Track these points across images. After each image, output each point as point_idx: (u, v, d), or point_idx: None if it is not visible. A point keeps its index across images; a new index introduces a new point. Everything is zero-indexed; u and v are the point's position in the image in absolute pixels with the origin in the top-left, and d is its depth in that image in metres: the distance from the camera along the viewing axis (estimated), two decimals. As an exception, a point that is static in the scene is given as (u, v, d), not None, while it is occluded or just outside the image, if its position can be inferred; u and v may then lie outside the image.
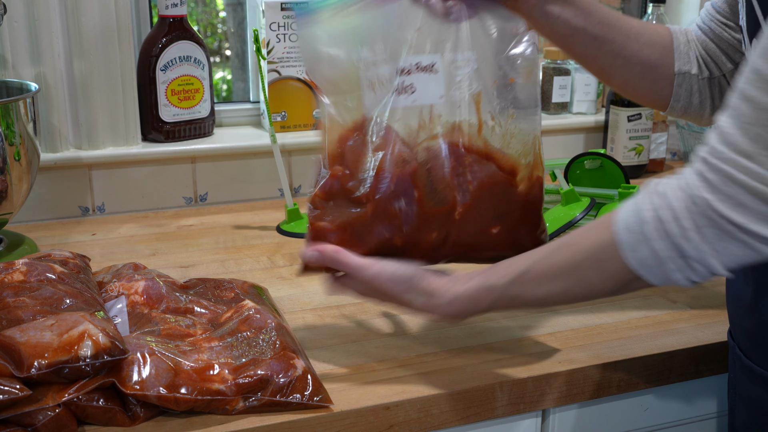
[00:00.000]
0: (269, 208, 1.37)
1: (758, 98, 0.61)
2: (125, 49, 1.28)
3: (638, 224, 0.66)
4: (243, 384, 0.75)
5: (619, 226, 0.67)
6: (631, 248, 0.66)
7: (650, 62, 0.89)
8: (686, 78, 0.90)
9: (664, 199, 0.64)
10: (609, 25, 0.87)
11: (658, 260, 0.65)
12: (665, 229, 0.64)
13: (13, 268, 0.85)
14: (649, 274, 0.66)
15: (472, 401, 0.81)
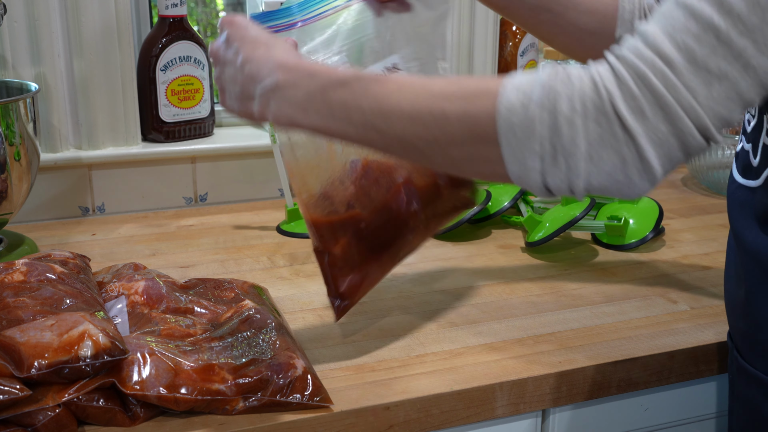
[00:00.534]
0: (269, 208, 1.37)
1: (694, 4, 0.56)
2: (125, 49, 1.28)
3: (529, 85, 0.58)
4: (243, 384, 0.75)
5: (508, 79, 0.60)
6: (507, 104, 0.58)
7: (588, 29, 0.89)
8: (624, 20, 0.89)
9: (568, 76, 0.58)
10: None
11: (526, 132, 0.58)
12: (554, 102, 0.57)
13: (13, 268, 0.85)
14: (507, 143, 0.58)
15: (472, 401, 0.82)
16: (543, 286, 1.06)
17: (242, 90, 0.70)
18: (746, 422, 0.77)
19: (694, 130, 0.57)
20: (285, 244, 1.21)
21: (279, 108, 0.68)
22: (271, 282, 1.06)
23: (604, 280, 1.08)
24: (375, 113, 0.64)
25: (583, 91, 0.57)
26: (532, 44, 1.55)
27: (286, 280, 1.07)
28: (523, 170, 0.59)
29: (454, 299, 1.01)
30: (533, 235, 1.17)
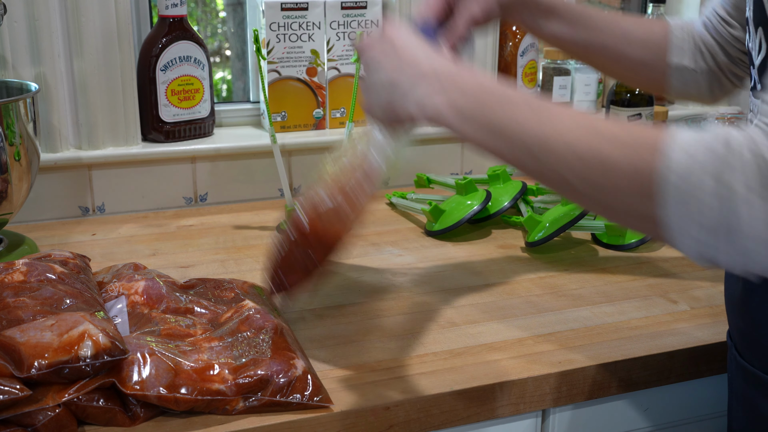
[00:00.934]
0: (269, 208, 1.37)
1: None
2: (125, 49, 1.28)
3: (695, 147, 0.55)
4: (243, 384, 0.75)
5: (673, 134, 0.56)
6: (671, 164, 0.54)
7: (643, 61, 0.94)
8: (680, 70, 0.95)
9: (740, 145, 0.54)
10: (598, 30, 0.93)
11: (691, 199, 0.54)
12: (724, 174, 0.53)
13: (13, 268, 0.85)
14: (667, 205, 0.55)
15: (472, 401, 0.82)
16: (543, 286, 1.06)
17: (399, 91, 0.70)
18: (745, 421, 0.78)
19: None
20: (285, 244, 1.21)
21: (437, 111, 0.67)
22: (271, 282, 1.06)
23: (604, 280, 1.08)
24: (534, 138, 0.61)
25: (758, 165, 0.53)
26: (532, 44, 1.55)
27: (286, 280, 1.07)
28: (681, 236, 0.56)
29: (454, 299, 1.01)
30: (533, 235, 1.17)
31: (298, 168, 1.43)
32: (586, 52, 0.96)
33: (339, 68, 1.46)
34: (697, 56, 0.95)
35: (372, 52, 0.74)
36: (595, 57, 0.96)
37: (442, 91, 0.67)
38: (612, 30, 0.94)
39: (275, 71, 1.41)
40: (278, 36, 1.40)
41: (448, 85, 0.67)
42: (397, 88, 0.70)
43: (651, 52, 0.95)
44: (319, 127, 1.47)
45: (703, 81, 0.96)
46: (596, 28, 0.94)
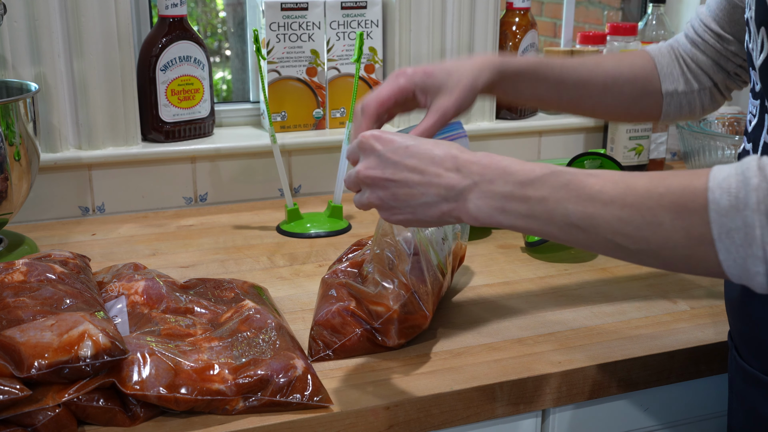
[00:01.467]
0: (269, 208, 1.37)
1: None
2: (125, 49, 1.28)
3: (737, 187, 0.56)
4: (243, 384, 0.75)
5: (714, 182, 0.57)
6: (721, 211, 0.56)
7: (632, 99, 0.95)
8: (674, 96, 0.96)
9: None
10: (583, 82, 0.92)
11: (746, 238, 0.55)
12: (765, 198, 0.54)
13: (13, 268, 0.85)
14: (725, 249, 0.56)
15: (472, 401, 0.82)
16: (543, 286, 1.06)
17: (425, 199, 0.69)
18: (745, 421, 0.78)
19: None
20: (285, 244, 1.21)
21: (477, 208, 0.67)
22: (271, 282, 1.06)
23: (604, 280, 1.08)
24: (579, 214, 0.62)
25: None
26: (532, 44, 1.55)
27: (286, 280, 1.07)
28: (744, 274, 0.57)
29: (454, 299, 1.01)
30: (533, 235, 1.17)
31: (298, 168, 1.43)
32: (575, 106, 0.95)
33: (339, 68, 1.46)
34: (688, 77, 0.96)
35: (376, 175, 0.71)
36: (585, 108, 0.95)
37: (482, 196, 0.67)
38: (596, 78, 0.93)
39: (275, 71, 1.41)
40: (278, 36, 1.40)
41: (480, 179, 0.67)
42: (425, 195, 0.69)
43: (639, 88, 0.95)
44: (319, 127, 1.47)
45: (696, 100, 0.97)
46: (580, 80, 0.92)
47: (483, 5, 1.46)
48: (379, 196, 0.71)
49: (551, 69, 0.91)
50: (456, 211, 0.68)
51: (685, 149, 1.48)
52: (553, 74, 0.91)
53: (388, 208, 0.71)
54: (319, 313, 0.87)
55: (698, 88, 0.96)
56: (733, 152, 1.40)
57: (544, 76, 0.91)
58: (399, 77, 0.85)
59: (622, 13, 2.01)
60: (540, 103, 0.94)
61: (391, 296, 0.85)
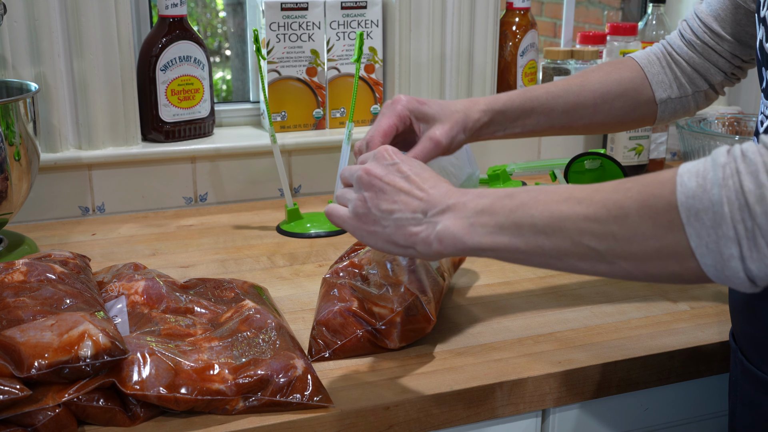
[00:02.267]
0: (269, 208, 1.37)
1: None
2: (125, 49, 1.28)
3: (704, 168, 0.54)
4: (243, 384, 0.75)
5: (683, 168, 0.55)
6: (688, 192, 0.54)
7: (625, 110, 0.94)
8: (668, 102, 0.95)
9: (742, 153, 0.54)
10: (572, 106, 0.92)
11: (715, 217, 0.53)
12: (738, 181, 0.53)
13: (13, 268, 0.85)
14: (696, 233, 0.54)
15: (472, 401, 0.82)
16: (543, 286, 1.06)
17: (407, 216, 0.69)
18: (750, 425, 0.77)
19: None
20: (285, 244, 1.21)
21: (445, 228, 0.66)
22: (271, 282, 1.06)
23: (604, 280, 1.08)
24: (545, 219, 0.61)
25: (766, 164, 0.52)
26: (532, 44, 1.55)
27: (286, 280, 1.07)
28: (719, 260, 0.54)
29: (454, 299, 1.01)
30: (533, 235, 1.17)
31: (298, 168, 1.43)
32: (567, 129, 0.95)
33: (339, 68, 1.46)
34: (681, 82, 0.95)
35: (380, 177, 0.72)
36: (578, 129, 0.95)
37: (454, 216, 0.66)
38: (585, 100, 0.93)
39: (275, 71, 1.41)
40: (278, 36, 1.40)
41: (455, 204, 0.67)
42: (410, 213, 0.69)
43: (630, 100, 0.95)
44: (319, 127, 1.47)
45: (691, 102, 0.96)
46: (569, 106, 0.92)
47: (483, 5, 1.46)
48: (363, 197, 0.71)
49: (538, 101, 0.92)
50: (423, 233, 0.68)
51: (685, 149, 1.48)
52: (541, 106, 0.92)
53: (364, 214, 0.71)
54: (321, 313, 0.87)
55: (692, 92, 0.96)
56: (733, 152, 1.40)
57: (531, 109, 0.92)
58: (395, 105, 0.87)
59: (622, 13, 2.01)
60: (532, 134, 0.94)
61: (396, 298, 0.86)
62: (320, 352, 0.85)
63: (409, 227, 0.69)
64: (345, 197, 0.75)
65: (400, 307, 0.85)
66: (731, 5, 0.90)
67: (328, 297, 0.89)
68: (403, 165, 0.72)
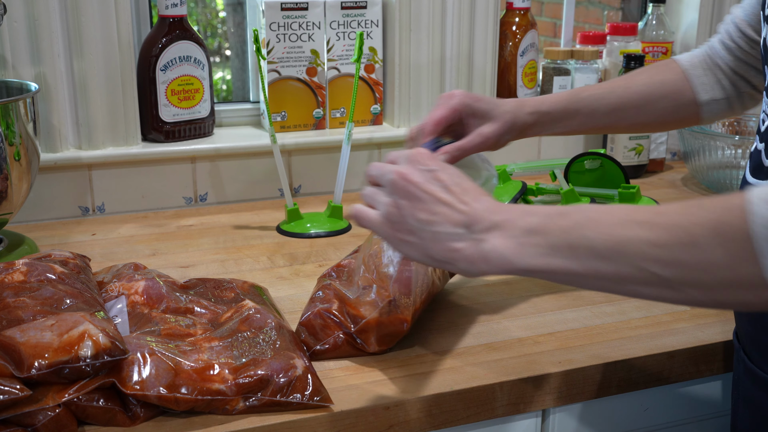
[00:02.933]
0: (269, 208, 1.37)
1: None
2: (125, 49, 1.28)
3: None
4: (243, 384, 0.75)
5: (753, 194, 0.53)
6: (761, 220, 0.51)
7: (667, 111, 0.96)
8: (711, 104, 0.96)
9: None
10: (615, 108, 0.95)
11: None
12: None
13: (13, 268, 0.85)
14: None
15: (472, 401, 0.82)
16: (543, 286, 1.06)
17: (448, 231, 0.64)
18: (752, 424, 0.77)
19: None
20: (285, 244, 1.21)
21: (493, 248, 0.61)
22: (271, 282, 1.06)
23: (604, 280, 1.08)
24: (603, 241, 0.57)
25: None
26: (532, 44, 1.55)
27: (286, 279, 1.07)
28: None
29: (454, 299, 1.01)
30: (533, 235, 1.17)
31: (298, 168, 1.43)
32: (611, 129, 0.98)
33: (339, 68, 1.46)
34: (724, 84, 0.96)
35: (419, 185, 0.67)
36: (621, 129, 0.99)
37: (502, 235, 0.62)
38: (628, 102, 0.95)
39: (275, 71, 1.41)
40: (278, 36, 1.40)
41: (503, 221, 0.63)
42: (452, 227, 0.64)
43: (673, 101, 0.96)
44: (319, 127, 1.47)
45: (735, 102, 0.97)
46: (612, 107, 0.95)
47: (483, 5, 1.46)
48: (398, 204, 0.67)
49: (583, 102, 0.94)
50: (473, 251, 0.63)
51: (685, 149, 1.49)
52: (585, 108, 0.94)
53: (397, 222, 0.67)
54: (303, 314, 0.87)
55: (736, 94, 0.97)
56: (733, 152, 1.40)
57: (576, 111, 0.94)
58: (451, 98, 0.88)
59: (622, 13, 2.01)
60: (576, 133, 0.97)
61: (368, 304, 0.84)
62: None
63: (450, 242, 0.64)
64: (374, 199, 0.69)
65: (372, 313, 0.84)
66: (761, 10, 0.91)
67: (313, 298, 0.89)
68: (441, 173, 0.67)
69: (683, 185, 1.51)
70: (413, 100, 1.46)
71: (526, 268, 0.61)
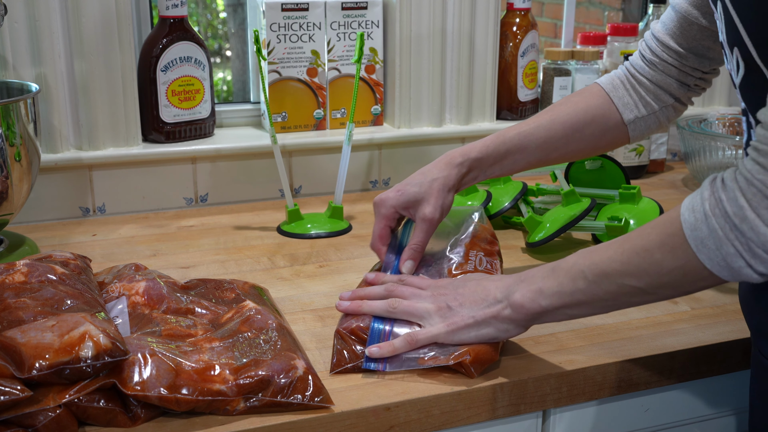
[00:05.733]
0: (270, 209, 1.37)
1: None
2: (126, 49, 1.28)
3: (698, 202, 0.66)
4: (244, 384, 0.75)
5: (683, 207, 0.68)
6: (690, 227, 0.66)
7: (596, 136, 1.00)
8: (636, 122, 1.00)
9: (723, 183, 0.66)
10: (543, 142, 0.99)
11: (716, 241, 0.65)
12: (723, 207, 0.64)
13: (14, 269, 0.85)
14: (707, 258, 0.66)
15: (472, 402, 0.82)
16: (543, 286, 1.06)
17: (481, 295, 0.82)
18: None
19: None
20: (285, 245, 1.21)
21: (523, 296, 0.79)
22: (272, 282, 1.06)
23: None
24: (590, 269, 0.75)
25: (739, 189, 0.64)
26: (532, 45, 1.55)
27: (287, 280, 1.07)
28: (733, 272, 0.65)
29: (455, 300, 1.01)
30: (534, 235, 1.17)
31: (299, 168, 1.43)
32: (543, 162, 1.01)
33: (339, 69, 1.46)
34: (647, 101, 0.99)
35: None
36: (553, 160, 1.02)
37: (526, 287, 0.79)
38: (556, 134, 0.98)
39: (276, 72, 1.41)
40: (279, 36, 1.40)
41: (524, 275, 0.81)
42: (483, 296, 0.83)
43: (600, 126, 0.99)
44: (319, 127, 1.47)
45: (661, 116, 1.00)
46: (540, 142, 0.98)
47: (483, 6, 1.46)
48: (444, 296, 0.84)
49: (511, 143, 0.98)
50: (508, 308, 0.80)
51: (686, 150, 1.49)
52: (515, 147, 0.98)
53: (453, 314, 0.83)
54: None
55: (659, 108, 0.99)
56: (733, 152, 1.40)
57: (506, 151, 0.98)
58: (380, 208, 0.97)
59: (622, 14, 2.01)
60: (512, 172, 1.02)
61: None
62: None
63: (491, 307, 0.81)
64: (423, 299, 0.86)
65: None
66: (684, 22, 0.94)
67: None
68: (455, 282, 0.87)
69: (684, 186, 1.51)
70: (414, 100, 1.47)
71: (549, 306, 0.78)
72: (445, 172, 0.96)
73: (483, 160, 0.98)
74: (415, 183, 0.96)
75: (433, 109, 1.48)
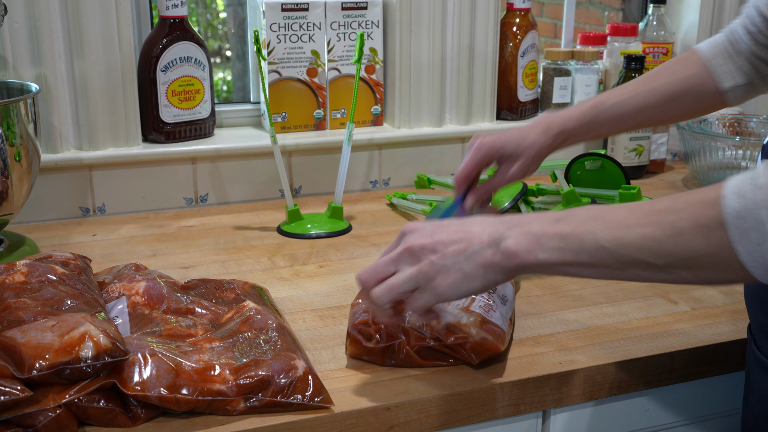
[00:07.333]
0: (270, 209, 1.37)
1: None
2: (126, 49, 1.28)
3: (748, 189, 0.59)
4: (244, 384, 0.75)
5: (727, 189, 0.60)
6: (734, 214, 0.59)
7: (693, 103, 0.99)
8: (734, 90, 0.98)
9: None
10: (640, 110, 0.99)
11: (761, 235, 0.58)
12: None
13: (14, 269, 0.85)
14: (744, 249, 0.58)
15: (472, 402, 0.82)
16: (543, 286, 1.06)
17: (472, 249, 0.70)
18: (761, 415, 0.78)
19: None
20: (285, 245, 1.21)
21: (518, 244, 0.68)
22: (272, 282, 1.06)
23: (604, 280, 1.08)
24: (606, 237, 0.65)
25: None
26: (532, 45, 1.55)
27: (287, 280, 1.07)
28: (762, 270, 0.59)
29: (455, 300, 1.01)
30: (534, 235, 1.17)
31: (299, 169, 1.43)
32: (639, 127, 1.03)
33: (339, 69, 1.46)
34: (745, 69, 0.97)
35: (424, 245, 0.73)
36: (649, 125, 1.04)
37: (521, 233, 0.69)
38: (652, 103, 0.98)
39: (276, 72, 1.41)
40: (279, 36, 1.40)
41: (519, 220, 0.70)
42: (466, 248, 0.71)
43: (698, 95, 0.98)
44: (319, 127, 1.47)
45: (759, 84, 0.98)
46: (637, 109, 0.98)
47: (483, 6, 1.46)
48: (430, 261, 0.71)
49: (608, 112, 0.98)
50: (498, 254, 0.69)
51: (686, 150, 1.49)
52: (612, 116, 0.98)
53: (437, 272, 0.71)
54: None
55: (758, 77, 0.98)
56: (733, 152, 1.40)
57: (602, 121, 0.98)
58: (480, 150, 0.96)
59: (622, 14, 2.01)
60: (599, 138, 1.04)
61: None
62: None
63: (483, 253, 0.70)
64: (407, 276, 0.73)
65: None
66: None
67: None
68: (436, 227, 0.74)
69: (684, 186, 1.51)
70: (414, 101, 1.47)
71: (547, 261, 0.68)
72: (542, 139, 0.96)
73: (579, 131, 0.98)
74: (515, 138, 0.96)
75: (433, 109, 1.48)
